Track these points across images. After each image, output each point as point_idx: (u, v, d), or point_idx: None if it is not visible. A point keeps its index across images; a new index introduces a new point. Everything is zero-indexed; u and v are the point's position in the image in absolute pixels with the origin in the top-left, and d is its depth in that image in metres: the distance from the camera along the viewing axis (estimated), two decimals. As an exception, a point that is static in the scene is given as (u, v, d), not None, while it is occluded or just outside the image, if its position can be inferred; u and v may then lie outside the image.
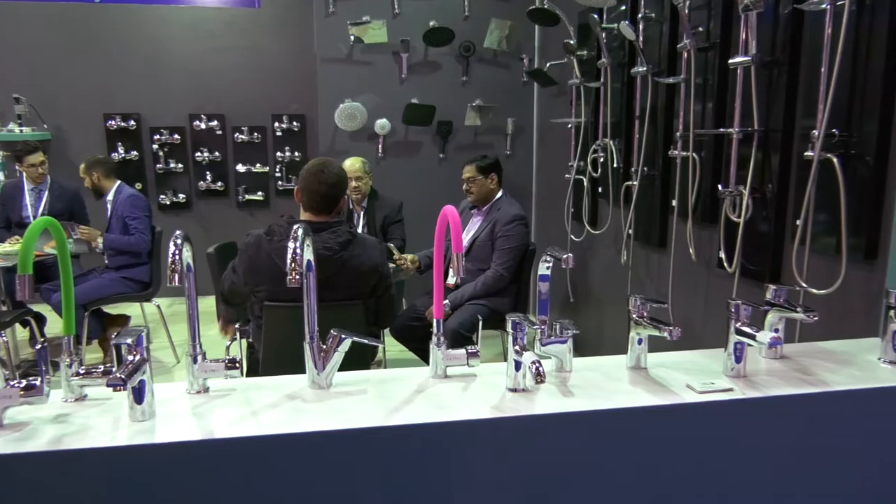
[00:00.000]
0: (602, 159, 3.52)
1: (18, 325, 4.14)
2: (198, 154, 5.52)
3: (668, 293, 2.91)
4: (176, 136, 5.47)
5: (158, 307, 4.13)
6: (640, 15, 3.02)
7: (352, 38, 4.54)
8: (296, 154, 5.62)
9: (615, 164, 3.39)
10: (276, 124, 5.57)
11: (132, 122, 5.40)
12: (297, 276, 1.16)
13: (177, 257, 1.15)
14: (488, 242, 3.43)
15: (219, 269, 2.73)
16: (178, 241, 1.16)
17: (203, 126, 5.49)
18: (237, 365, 1.23)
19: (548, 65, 4.28)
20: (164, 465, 1.02)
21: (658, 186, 2.99)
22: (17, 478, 0.99)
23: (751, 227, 2.33)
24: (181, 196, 5.58)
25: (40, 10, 5.17)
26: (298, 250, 1.16)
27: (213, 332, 2.61)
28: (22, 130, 5.05)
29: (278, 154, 5.62)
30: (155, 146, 5.46)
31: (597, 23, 3.29)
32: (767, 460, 1.23)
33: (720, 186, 2.41)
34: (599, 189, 3.66)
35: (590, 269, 3.99)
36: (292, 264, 1.15)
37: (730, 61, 2.29)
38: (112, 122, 5.37)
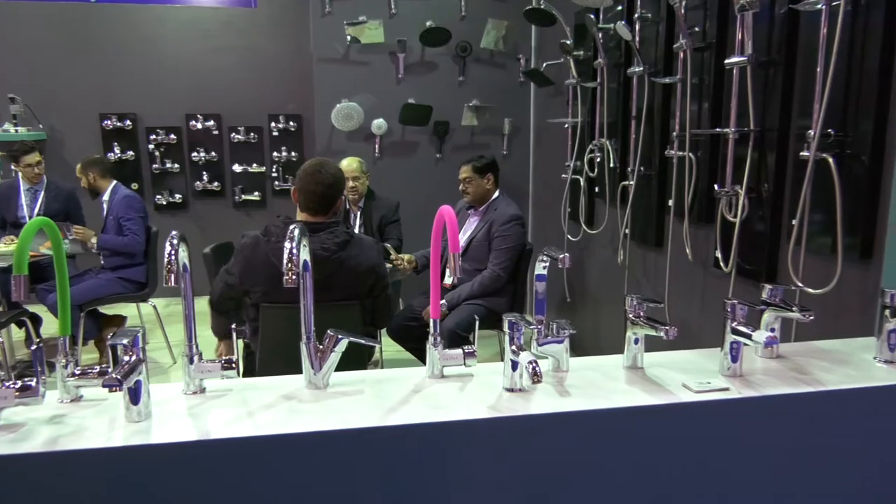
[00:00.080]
0: (599, 159, 3.53)
1: (14, 326, 4.13)
2: (194, 154, 5.51)
3: (664, 293, 2.92)
4: (172, 136, 5.46)
5: (155, 308, 4.12)
6: (636, 15, 3.02)
7: (348, 37, 4.54)
8: (292, 154, 5.61)
9: (612, 164, 3.39)
10: (273, 124, 5.56)
11: (128, 122, 5.38)
12: (293, 277, 1.15)
13: (173, 258, 1.15)
14: (485, 242, 3.44)
15: (215, 270, 2.73)
16: (174, 241, 1.16)
17: (199, 126, 5.48)
18: (234, 365, 1.23)
19: (544, 65, 4.29)
20: (160, 465, 1.02)
21: (654, 186, 2.99)
22: (13, 479, 0.99)
23: (747, 226, 2.34)
24: (177, 196, 5.57)
25: (35, 10, 5.16)
26: (295, 250, 1.16)
27: (210, 332, 2.60)
28: (17, 130, 5.03)
29: (275, 154, 5.61)
30: (151, 146, 5.44)
31: (593, 23, 3.29)
32: (764, 459, 1.23)
33: (716, 186, 2.42)
34: (596, 189, 3.67)
35: (586, 268, 4.00)
36: (289, 264, 1.15)
37: (726, 61, 2.30)
38: (108, 121, 5.35)
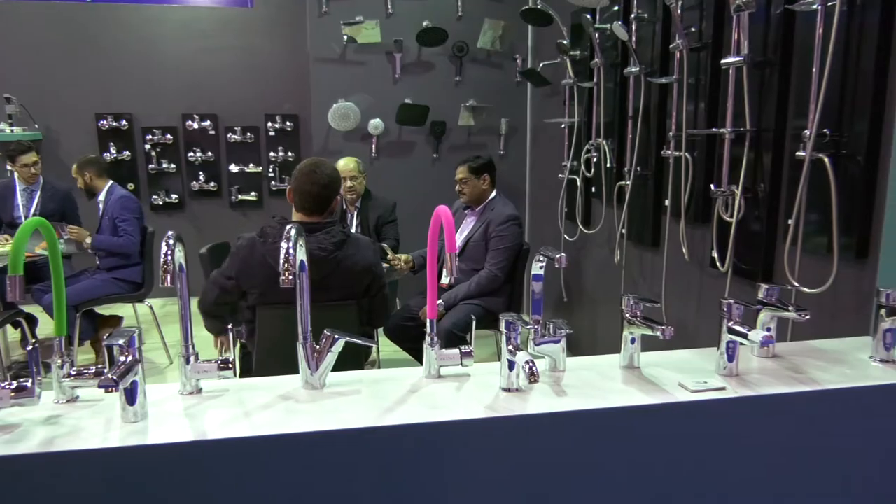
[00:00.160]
0: (595, 159, 3.53)
1: (9, 327, 4.12)
2: (190, 154, 5.50)
3: (661, 293, 2.92)
4: (168, 136, 5.44)
5: (151, 308, 4.11)
6: (632, 15, 3.02)
7: (345, 37, 4.53)
8: (289, 154, 5.60)
9: (608, 164, 3.40)
10: (269, 124, 5.55)
11: (124, 122, 5.37)
12: (290, 277, 1.15)
13: (169, 258, 1.15)
14: (482, 242, 3.44)
15: (211, 270, 2.72)
16: (171, 241, 1.16)
17: (196, 126, 5.47)
18: (230, 366, 1.22)
19: (541, 65, 4.29)
20: (156, 466, 1.02)
21: (651, 186, 3.00)
22: (9, 480, 0.98)
23: (743, 226, 2.34)
24: (174, 196, 5.56)
25: (32, 10, 5.14)
26: (291, 250, 1.15)
27: (206, 332, 2.60)
28: (13, 130, 5.02)
29: (271, 154, 5.60)
30: (147, 146, 5.43)
31: (590, 23, 3.29)
32: (760, 459, 1.23)
33: (713, 186, 2.42)
34: (593, 189, 3.67)
35: (583, 268, 4.00)
36: (285, 265, 1.15)
37: (722, 61, 2.30)
38: (104, 121, 5.34)
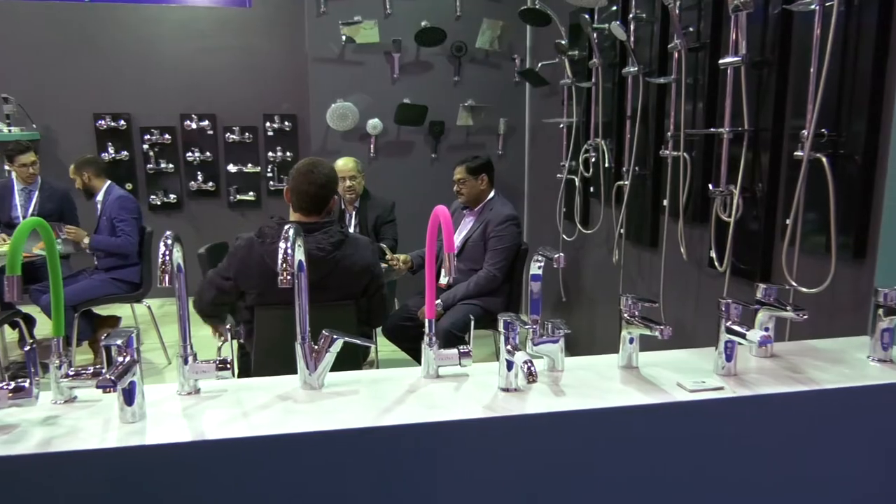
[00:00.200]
0: (594, 159, 3.53)
1: (7, 327, 4.11)
2: (189, 154, 5.50)
3: (659, 292, 2.92)
4: (167, 135, 5.44)
5: (149, 308, 4.10)
6: (630, 15, 3.03)
7: (343, 37, 4.53)
8: (287, 154, 5.60)
9: (607, 164, 3.40)
10: (268, 124, 5.55)
11: (122, 122, 5.36)
12: (288, 277, 1.15)
13: (167, 258, 1.15)
14: (480, 243, 3.44)
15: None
16: (169, 241, 1.16)
17: (194, 126, 5.47)
18: (228, 366, 1.22)
19: (539, 65, 4.29)
20: (154, 466, 1.02)
21: (649, 186, 3.00)
22: (7, 481, 0.98)
23: (741, 226, 2.34)
24: (172, 196, 5.55)
25: (29, 10, 5.14)
26: (290, 251, 1.15)
27: (204, 332, 2.59)
28: (10, 130, 5.01)
29: (270, 154, 5.60)
30: (145, 146, 5.43)
31: (588, 23, 3.30)
32: (758, 458, 1.23)
33: (711, 186, 2.42)
34: (591, 189, 3.67)
35: (582, 268, 4.00)
36: (284, 265, 1.14)
37: (720, 61, 2.30)
38: (102, 121, 5.33)
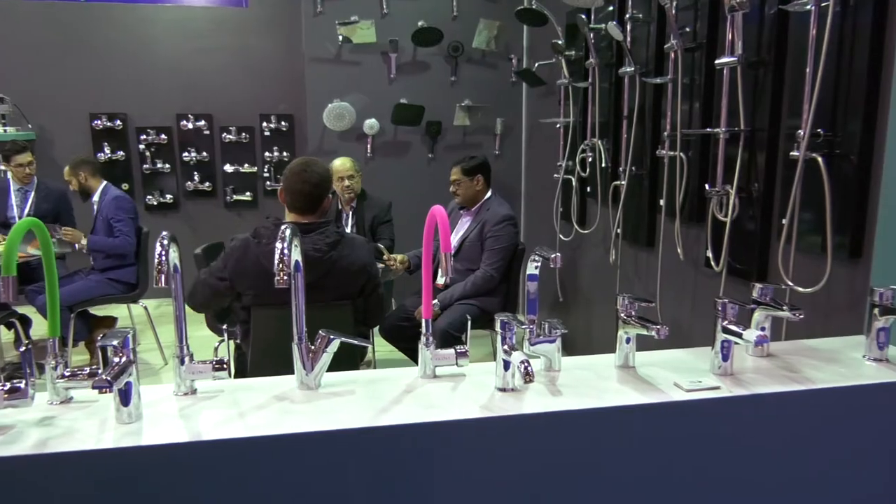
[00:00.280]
0: (590, 159, 3.54)
1: (3, 328, 4.11)
2: (185, 154, 5.48)
3: (655, 292, 2.93)
4: (163, 136, 5.42)
5: (146, 309, 4.10)
6: (627, 15, 3.03)
7: (340, 37, 4.53)
8: (284, 154, 5.59)
9: (603, 164, 3.40)
10: (264, 124, 5.54)
11: (118, 122, 5.35)
12: (284, 277, 1.15)
13: (163, 258, 1.15)
14: (478, 243, 3.44)
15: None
16: (165, 241, 1.15)
17: (190, 126, 5.45)
18: (225, 366, 1.22)
19: (536, 65, 4.29)
20: (151, 467, 1.02)
21: (646, 186, 3.00)
22: (2, 482, 0.98)
23: (737, 226, 2.35)
24: (168, 196, 5.54)
25: (25, 9, 5.12)
26: (286, 251, 1.15)
27: (201, 333, 2.59)
28: (6, 130, 4.99)
29: (266, 154, 5.59)
30: (142, 146, 5.41)
31: (584, 23, 3.30)
32: (754, 457, 1.24)
33: (707, 186, 2.43)
34: (588, 189, 3.68)
35: (578, 268, 4.01)
36: (280, 265, 1.14)
37: (716, 62, 2.31)
38: (98, 121, 5.31)
